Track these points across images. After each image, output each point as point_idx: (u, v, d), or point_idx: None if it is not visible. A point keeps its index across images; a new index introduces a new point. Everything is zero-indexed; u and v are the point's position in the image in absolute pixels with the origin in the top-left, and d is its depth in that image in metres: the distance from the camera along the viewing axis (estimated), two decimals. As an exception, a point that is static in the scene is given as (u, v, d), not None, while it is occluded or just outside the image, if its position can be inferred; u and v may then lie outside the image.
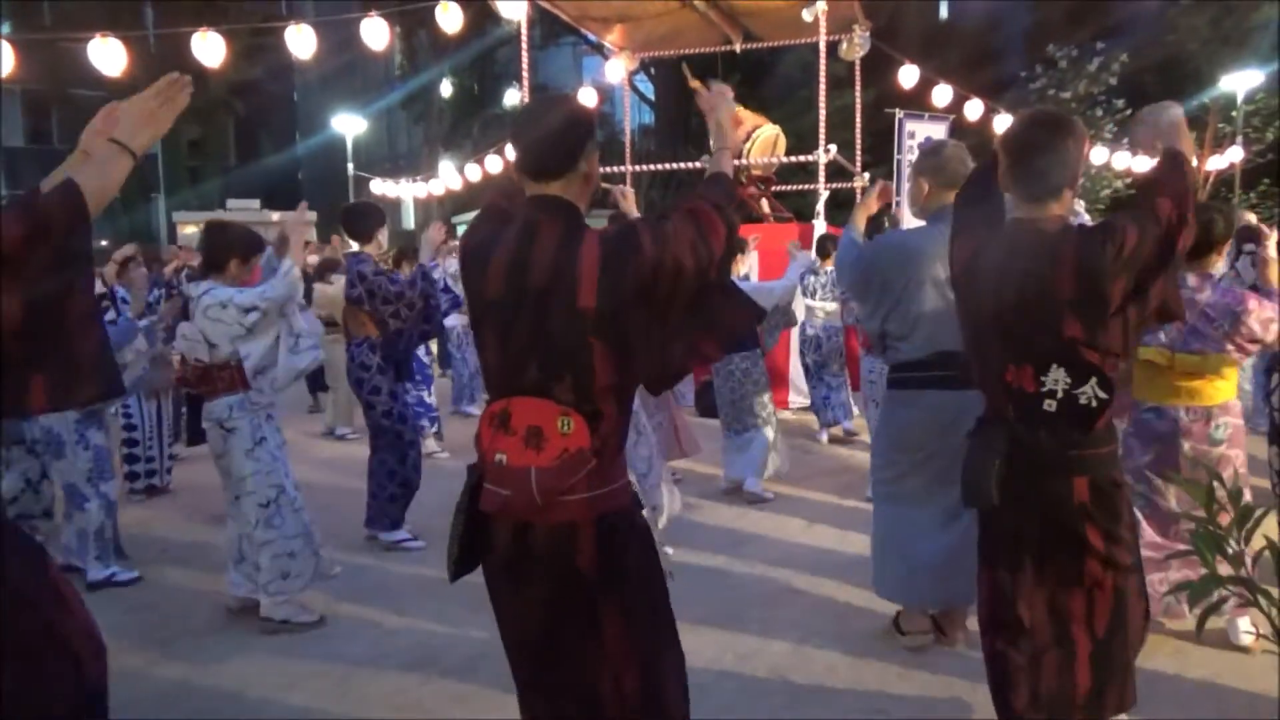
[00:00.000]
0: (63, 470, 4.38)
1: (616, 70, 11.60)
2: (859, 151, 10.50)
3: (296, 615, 3.80)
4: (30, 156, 27.66)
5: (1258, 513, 1.96)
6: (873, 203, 3.84)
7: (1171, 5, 19.05)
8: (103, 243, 19.37)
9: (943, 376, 3.30)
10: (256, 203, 20.12)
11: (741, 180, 10.20)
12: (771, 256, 8.05)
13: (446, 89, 27.12)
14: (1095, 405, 2.22)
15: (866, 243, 3.65)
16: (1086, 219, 3.56)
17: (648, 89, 23.02)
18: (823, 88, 9.46)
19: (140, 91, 1.93)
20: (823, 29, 9.27)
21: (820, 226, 8.99)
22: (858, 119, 10.71)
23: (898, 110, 11.25)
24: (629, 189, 3.45)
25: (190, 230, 16.25)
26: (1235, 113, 17.54)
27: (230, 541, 3.90)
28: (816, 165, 9.37)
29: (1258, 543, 1.96)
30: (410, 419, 5.07)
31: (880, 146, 12.87)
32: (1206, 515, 2.01)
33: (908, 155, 10.86)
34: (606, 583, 1.89)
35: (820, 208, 9.21)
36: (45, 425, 4.35)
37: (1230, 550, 1.94)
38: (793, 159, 9.86)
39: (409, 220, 24.81)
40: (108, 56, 7.09)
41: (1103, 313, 2.20)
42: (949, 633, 3.52)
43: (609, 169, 10.67)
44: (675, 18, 10.08)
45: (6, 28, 21.47)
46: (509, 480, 1.85)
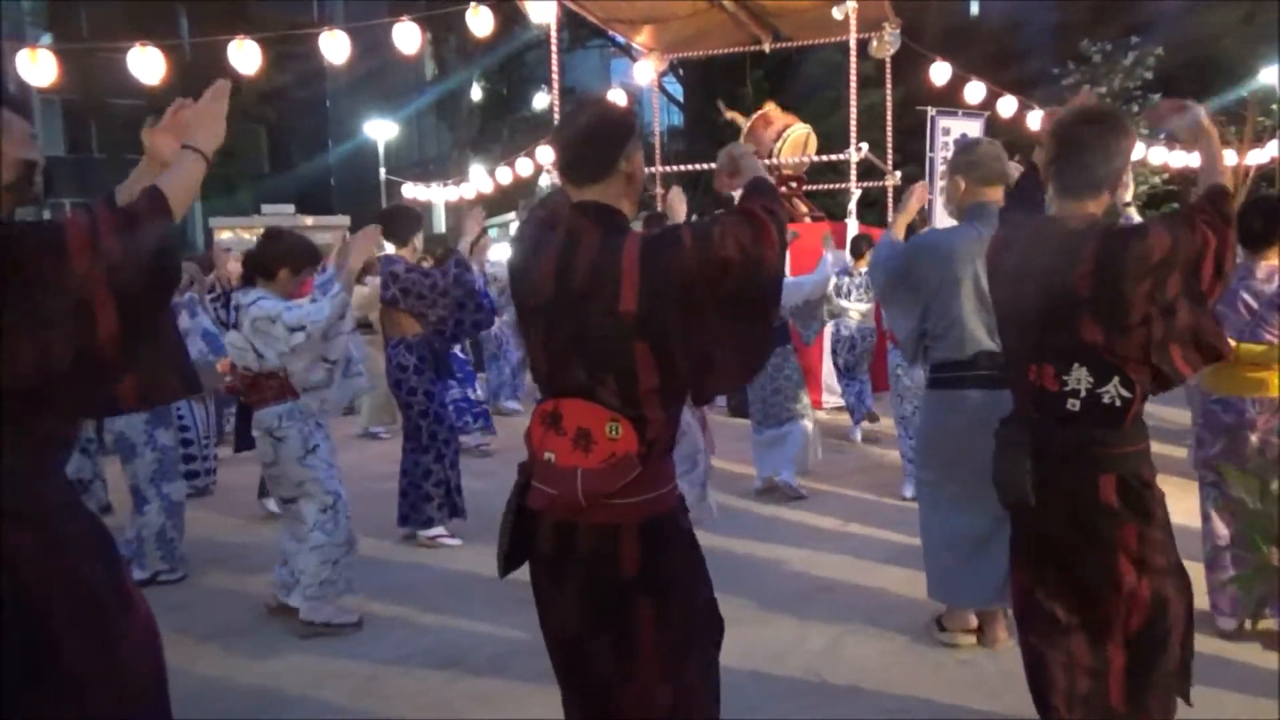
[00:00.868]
0: (132, 472, 4.44)
1: (645, 72, 11.60)
2: (889, 150, 10.42)
3: (336, 617, 3.80)
4: (69, 166, 28.17)
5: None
6: (913, 206, 3.82)
7: (1200, 2, 18.70)
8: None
9: (984, 376, 3.27)
10: (290, 208, 20.34)
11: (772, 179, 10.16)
12: (803, 255, 8.00)
13: (476, 93, 27.29)
14: (1120, 404, 2.17)
15: (901, 242, 3.63)
16: (1136, 218, 3.49)
17: (676, 90, 23.04)
18: (853, 86, 9.41)
19: (177, 99, 1.99)
20: (853, 27, 9.22)
21: (852, 225, 8.94)
22: (888, 117, 10.64)
23: (930, 108, 11.15)
24: (679, 190, 3.45)
25: (226, 235, 16.48)
26: (1275, 105, 17.17)
27: (280, 543, 3.94)
28: (847, 164, 9.32)
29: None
30: (447, 418, 5.09)
31: (910, 145, 12.77)
32: (1261, 506, 1.96)
33: (941, 153, 10.77)
34: (646, 587, 1.89)
35: (852, 206, 9.15)
36: (117, 429, 4.42)
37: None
38: (823, 158, 9.81)
39: (440, 224, 24.98)
40: (146, 65, 7.19)
41: (1122, 318, 2.14)
42: (988, 630, 3.48)
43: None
44: (704, 18, 10.07)
45: (47, 38, 21.91)
46: (556, 479, 1.87)
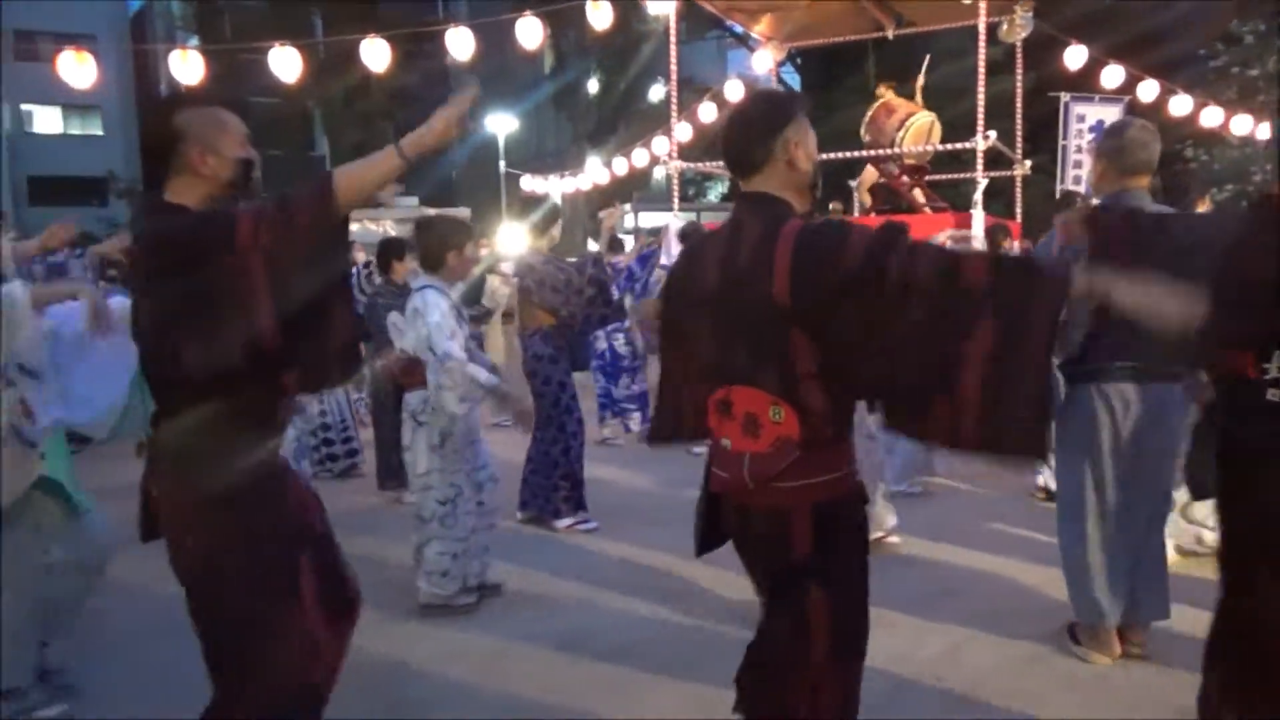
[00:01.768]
0: None
1: (763, 62, 11.47)
2: (1019, 138, 10.01)
3: (455, 600, 3.88)
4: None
5: None
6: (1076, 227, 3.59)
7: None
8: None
9: (1122, 368, 3.10)
10: (414, 200, 20.97)
11: (894, 169, 9.93)
12: (924, 248, 7.80)
13: (594, 86, 27.56)
14: None
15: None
16: None
17: (794, 80, 22.69)
18: (981, 71, 9.08)
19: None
20: (982, 10, 8.90)
21: (977, 215, 8.63)
22: (1018, 103, 10.21)
23: (1064, 94, 10.67)
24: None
25: (354, 227, 17.10)
26: None
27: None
28: (972, 153, 9.00)
29: None
30: (577, 411, 5.11)
31: (1040, 133, 12.23)
32: None
33: (1075, 140, 10.29)
34: (818, 574, 1.92)
35: (977, 196, 8.84)
36: None
37: None
38: (948, 146, 9.50)
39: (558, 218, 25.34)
40: (284, 64, 7.57)
41: None
42: (1130, 637, 3.30)
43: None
44: (824, 6, 9.89)
45: (194, 41, 23.22)
46: (728, 463, 1.96)
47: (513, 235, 5.14)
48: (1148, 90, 10.23)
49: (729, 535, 2.09)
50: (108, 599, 3.82)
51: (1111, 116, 10.05)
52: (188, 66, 7.66)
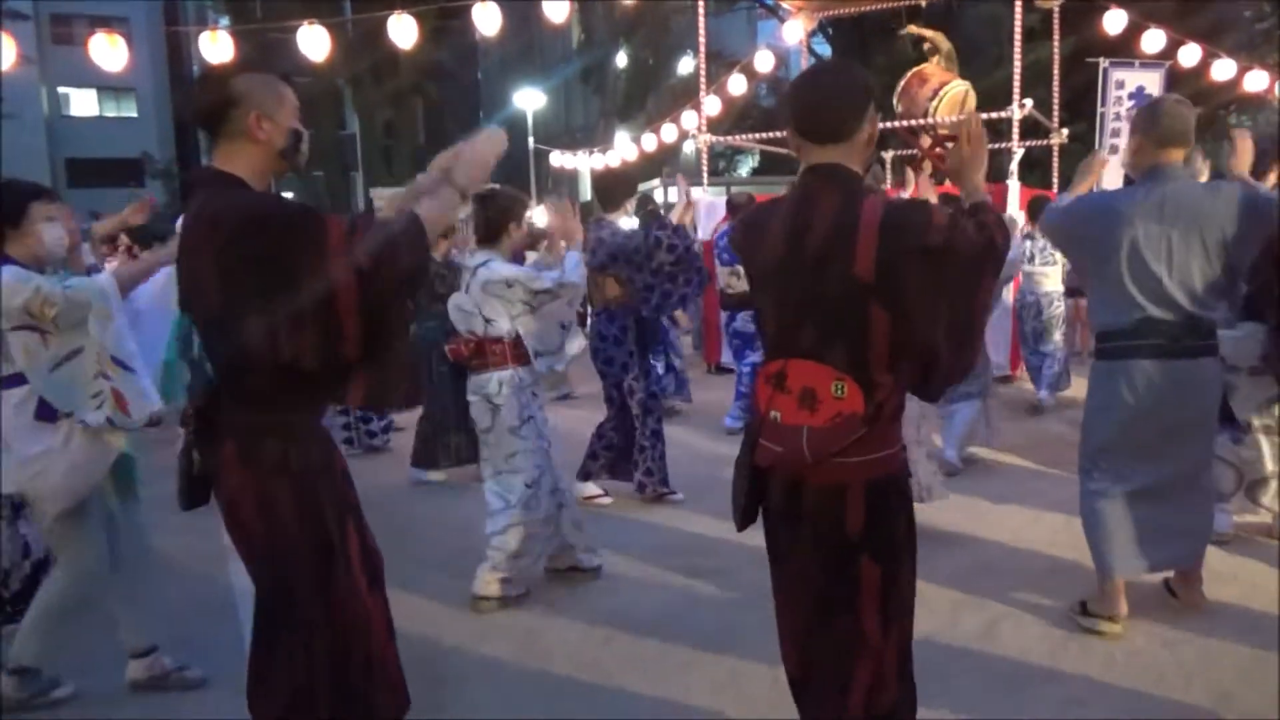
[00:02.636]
0: None
1: (794, 32, 11.31)
2: (1056, 106, 9.79)
3: (507, 590, 3.78)
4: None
5: None
6: (1092, 178, 3.61)
7: None
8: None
9: (1152, 345, 3.09)
10: (444, 178, 21.06)
11: (927, 139, 9.76)
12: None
13: (622, 60, 27.39)
14: None
15: (1069, 202, 3.42)
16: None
17: (825, 51, 22.35)
18: (1018, 38, 8.86)
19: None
20: (1018, -26, 8.69)
21: (1013, 186, 8.48)
22: (1055, 71, 9.98)
23: (1102, 59, 10.42)
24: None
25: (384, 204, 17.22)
26: None
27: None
28: (1008, 122, 8.82)
29: None
30: (640, 393, 4.97)
31: (1078, 101, 11.97)
32: None
33: (1114, 107, 10.05)
34: (871, 548, 1.94)
35: (1013, 167, 8.67)
36: None
37: None
38: (983, 116, 9.30)
39: (587, 192, 25.30)
40: (314, 43, 7.59)
41: None
42: (1184, 597, 3.41)
43: (785, 133, 10.45)
44: (856, -28, 9.71)
45: (225, 21, 23.33)
46: (782, 437, 1.93)
47: (543, 212, 5.11)
48: (1189, 55, 9.93)
49: (773, 510, 2.04)
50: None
51: (1152, 82, 9.82)
52: (218, 47, 7.70)
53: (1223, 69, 9.87)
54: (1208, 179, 3.81)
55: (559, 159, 17.24)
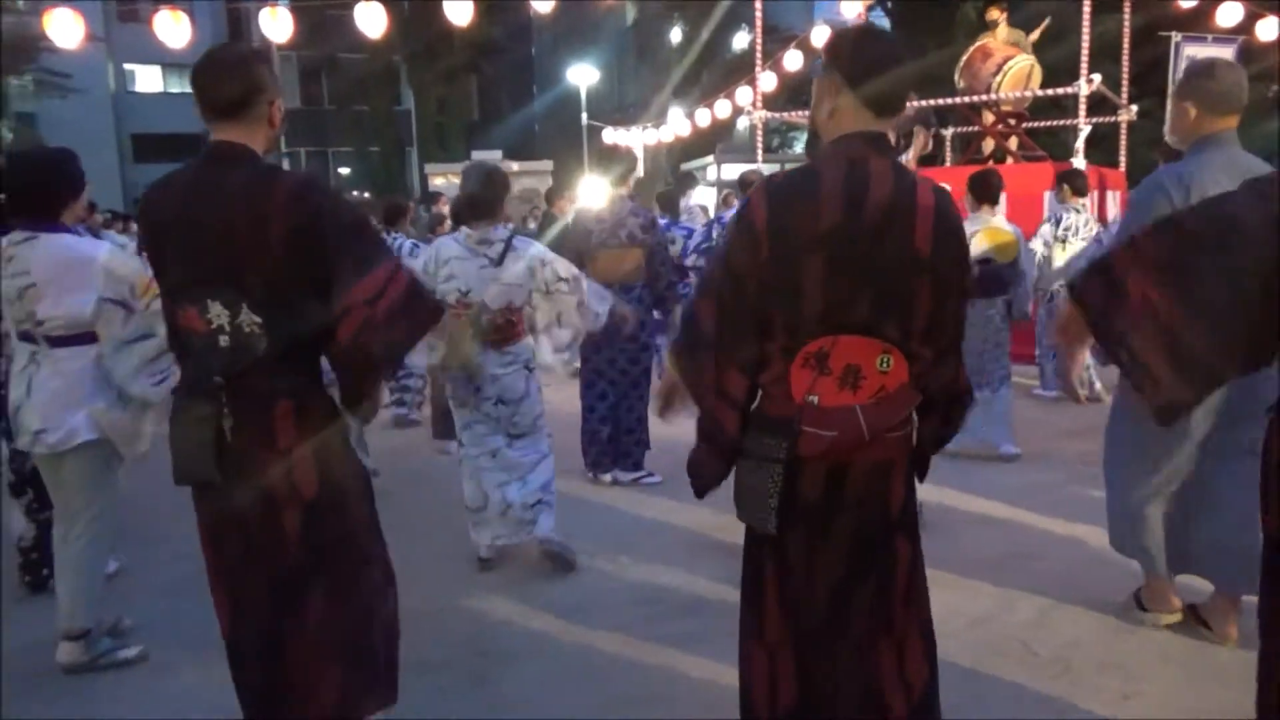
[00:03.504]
0: None
1: (852, 6, 11.08)
2: (1125, 82, 9.48)
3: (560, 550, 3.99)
4: (303, 118, 30.50)
5: None
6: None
7: None
8: (364, 194, 21.13)
9: None
10: (499, 154, 21.16)
11: (989, 117, 9.54)
12: (1022, 200, 7.49)
13: (676, 35, 27.14)
14: None
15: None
16: None
17: (883, 23, 21.91)
18: (1086, 11, 8.58)
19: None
20: (1087, -56, 8.39)
21: (1079, 165, 8.23)
22: (1125, 45, 9.65)
23: (1174, 33, 10.05)
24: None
25: (439, 181, 17.32)
26: None
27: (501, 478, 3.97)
28: (1074, 99, 8.56)
29: None
30: (631, 371, 5.14)
31: (1147, 77, 11.58)
32: None
33: (1185, 83, 9.68)
34: (905, 526, 1.95)
35: (1079, 144, 8.42)
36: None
37: None
38: (1048, 92, 9.05)
39: (639, 168, 25.27)
40: (371, 20, 7.64)
41: None
42: (1215, 627, 3.12)
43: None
44: (917, -56, 9.47)
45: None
46: (832, 420, 1.82)
47: (594, 188, 5.11)
48: (1267, 28, 9.51)
49: (805, 503, 1.89)
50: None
51: (1226, 57, 9.41)
52: (277, 24, 7.79)
53: (1302, 42, 9.46)
54: None
55: (611, 135, 17.17)
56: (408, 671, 2.98)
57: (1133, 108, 9.61)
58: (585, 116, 24.23)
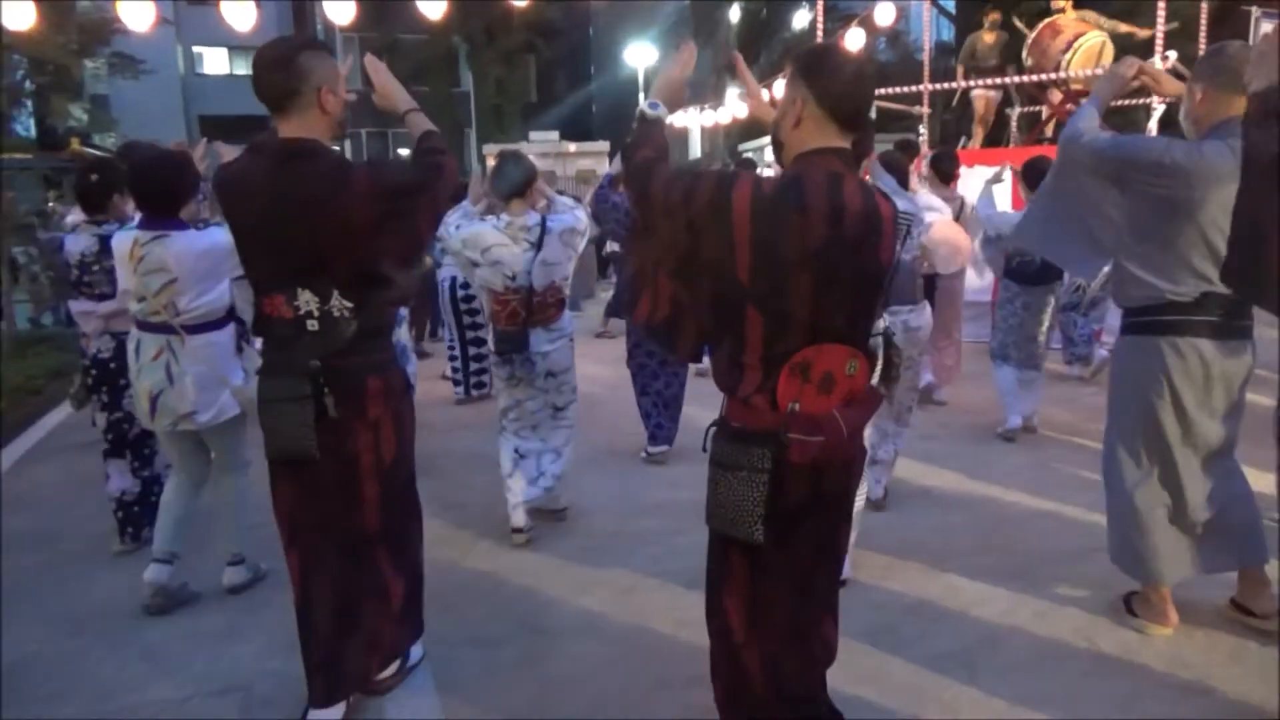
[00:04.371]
0: None
1: (915, -17, 10.84)
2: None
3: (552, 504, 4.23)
4: (365, 99, 30.80)
5: None
6: (1126, 76, 3.03)
7: None
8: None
9: (1208, 323, 2.81)
10: (555, 134, 21.22)
11: (1056, 95, 9.27)
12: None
13: (735, 14, 26.87)
14: None
15: (1110, 136, 2.94)
16: None
17: (948, 4, 21.39)
18: (1162, -15, 8.27)
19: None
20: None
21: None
22: (1202, 20, 9.29)
23: (1254, 8, 9.63)
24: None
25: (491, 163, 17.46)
26: None
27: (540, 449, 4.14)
28: (1148, 77, 8.26)
29: None
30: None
31: (1228, 53, 11.11)
32: None
33: (1266, 60, 9.27)
34: (849, 512, 2.13)
35: (1152, 125, 8.15)
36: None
37: None
38: (1120, 71, 8.75)
39: (695, 150, 25.08)
40: (431, 3, 7.70)
41: None
42: (1257, 608, 3.05)
43: (904, 89, 10.09)
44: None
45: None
46: (817, 426, 1.84)
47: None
48: (1358, 1, 9.08)
49: (789, 508, 1.88)
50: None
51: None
52: (340, 7, 7.87)
53: (1396, 17, 9.01)
54: None
55: (669, 116, 17.06)
56: (460, 647, 3.05)
57: (1210, 86, 9.26)
58: (642, 97, 24.15)
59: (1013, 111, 10.79)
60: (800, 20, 24.66)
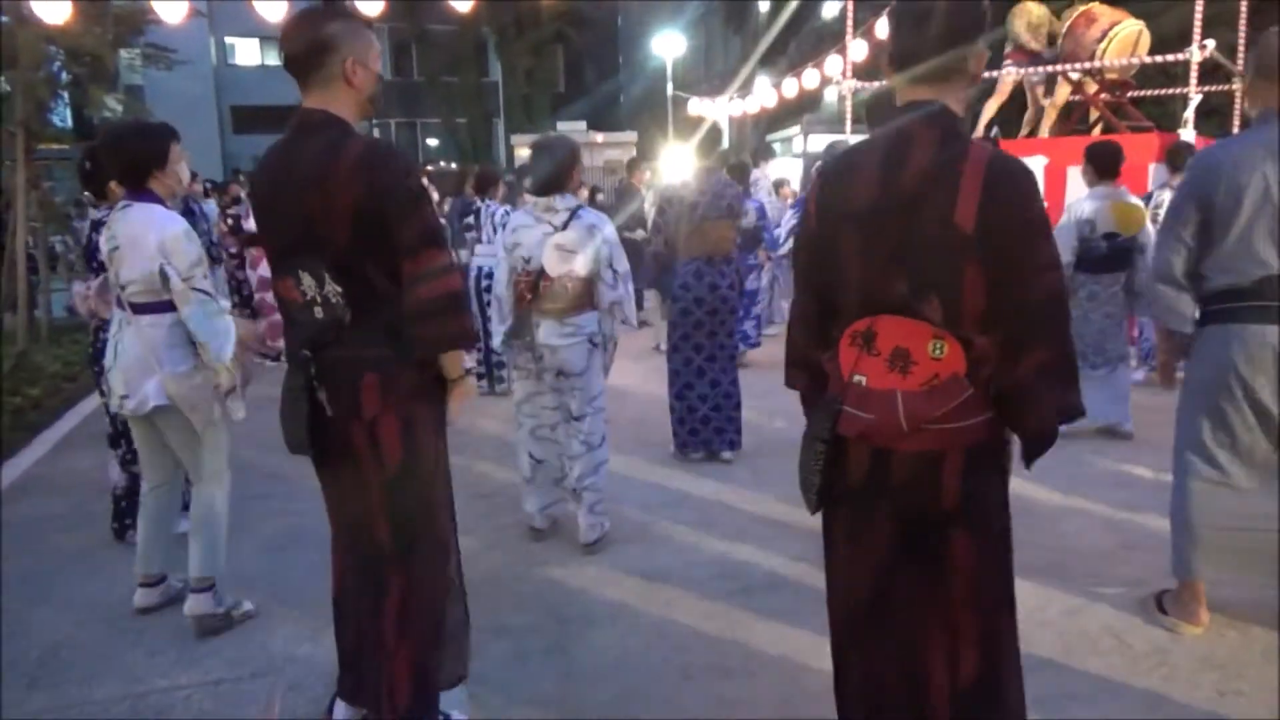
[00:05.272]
0: None
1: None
2: (1241, 48, 8.95)
3: (607, 526, 3.94)
4: (394, 89, 31.01)
5: None
6: None
7: None
8: (452, 165, 21.43)
9: (1270, 308, 2.75)
10: (583, 124, 21.23)
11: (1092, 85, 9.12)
12: (1128, 171, 7.14)
13: (764, 3, 26.69)
14: None
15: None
16: None
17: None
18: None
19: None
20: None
21: (1187, 136, 7.82)
22: (1242, 8, 9.10)
23: (1298, -5, 9.40)
24: None
25: (525, 152, 17.50)
26: None
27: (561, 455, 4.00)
28: (1184, 66, 8.11)
29: None
30: (706, 347, 5.02)
31: (1269, 41, 10.86)
32: None
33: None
34: (964, 521, 1.77)
35: (1189, 114, 7.99)
36: None
37: None
38: (1157, 59, 8.60)
39: (724, 139, 25.02)
40: (459, -8, 7.70)
41: None
42: None
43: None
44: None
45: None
46: (872, 404, 1.74)
47: (680, 160, 5.09)
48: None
49: (850, 486, 1.83)
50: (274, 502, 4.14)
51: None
52: (370, -3, 7.89)
53: None
54: None
55: (697, 105, 17.00)
56: (486, 635, 3.06)
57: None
58: (670, 87, 24.06)
59: (1046, 101, 10.63)
60: (830, 9, 24.40)
